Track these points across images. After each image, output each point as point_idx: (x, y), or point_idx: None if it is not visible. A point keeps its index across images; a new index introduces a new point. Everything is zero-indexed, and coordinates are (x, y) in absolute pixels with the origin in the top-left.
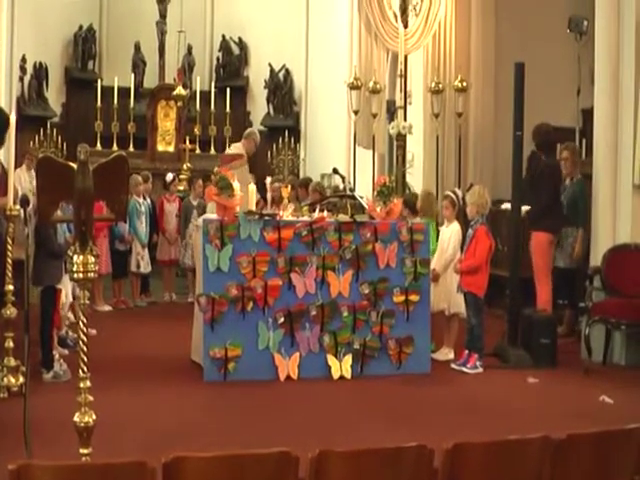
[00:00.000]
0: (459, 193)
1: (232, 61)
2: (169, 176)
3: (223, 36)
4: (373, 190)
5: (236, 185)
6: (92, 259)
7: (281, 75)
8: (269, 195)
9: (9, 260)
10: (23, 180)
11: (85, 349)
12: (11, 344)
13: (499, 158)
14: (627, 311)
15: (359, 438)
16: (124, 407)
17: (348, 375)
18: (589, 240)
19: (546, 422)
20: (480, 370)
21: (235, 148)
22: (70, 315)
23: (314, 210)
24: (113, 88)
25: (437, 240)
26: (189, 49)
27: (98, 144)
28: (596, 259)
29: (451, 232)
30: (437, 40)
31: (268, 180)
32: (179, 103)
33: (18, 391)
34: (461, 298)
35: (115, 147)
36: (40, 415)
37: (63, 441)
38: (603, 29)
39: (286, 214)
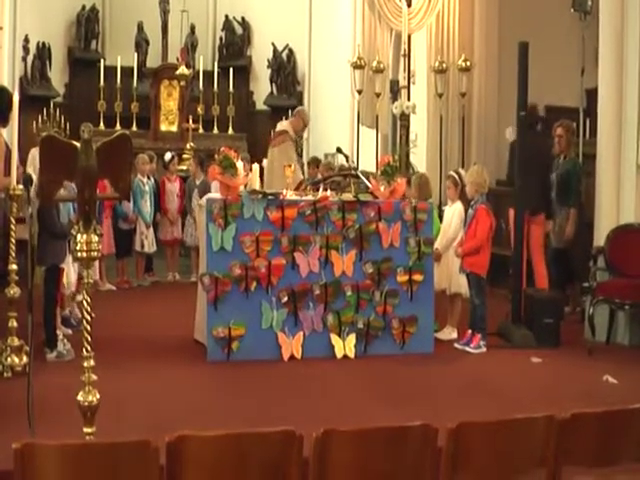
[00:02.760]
0: (463, 173)
1: (235, 41)
2: (167, 155)
3: (226, 16)
4: (377, 170)
5: (239, 164)
6: (95, 238)
7: (284, 55)
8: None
9: (12, 240)
10: (37, 159)
11: (89, 328)
12: (15, 324)
13: (503, 138)
14: (631, 291)
15: (363, 417)
16: (128, 386)
17: (352, 354)
18: (582, 220)
19: (550, 402)
20: (483, 350)
21: (282, 126)
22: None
23: (317, 189)
24: (116, 68)
25: (441, 221)
26: (192, 28)
27: (101, 124)
28: (600, 239)
29: (453, 211)
30: (441, 19)
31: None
32: (182, 83)
33: (22, 371)
34: (462, 278)
35: (118, 127)
36: (44, 394)
37: (67, 420)
38: (607, 8)
39: (289, 193)
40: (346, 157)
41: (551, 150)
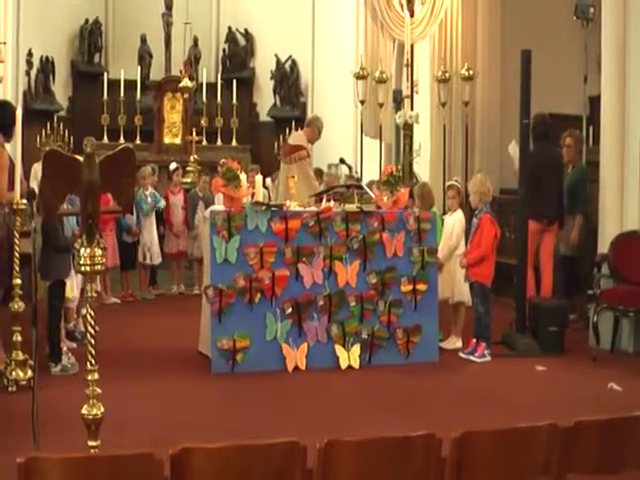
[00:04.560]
0: (460, 182)
1: (238, 52)
2: (173, 165)
3: (229, 27)
4: (380, 179)
5: (243, 176)
6: (99, 252)
7: (287, 66)
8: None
9: (16, 254)
10: (40, 175)
11: (93, 342)
12: (19, 338)
13: (506, 147)
14: (635, 298)
15: (367, 427)
16: (132, 399)
17: (356, 365)
18: (588, 227)
19: (554, 410)
20: (488, 359)
21: (296, 137)
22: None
23: (320, 200)
24: (119, 81)
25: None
26: (195, 41)
27: (105, 137)
28: (604, 246)
29: (454, 220)
30: (443, 29)
31: (268, 181)
32: (185, 95)
33: (26, 385)
34: (465, 287)
35: (122, 140)
36: (48, 408)
37: (71, 434)
38: (609, 16)
39: (293, 205)
40: (349, 168)
41: (561, 159)
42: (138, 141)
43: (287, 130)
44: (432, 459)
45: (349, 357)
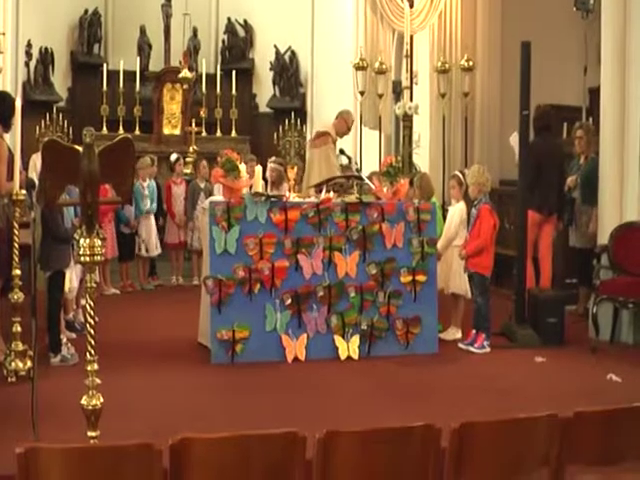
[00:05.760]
0: (467, 173)
1: (238, 43)
2: (174, 156)
3: (228, 18)
4: (380, 170)
5: (242, 167)
6: (99, 242)
7: (287, 57)
8: (267, 175)
9: (16, 245)
10: (39, 166)
11: (92, 332)
12: (19, 329)
13: (506, 138)
14: (635, 289)
15: (367, 418)
16: (131, 390)
17: (355, 356)
18: None
19: (553, 401)
20: (487, 350)
21: (323, 127)
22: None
23: (320, 191)
24: (119, 72)
25: (444, 221)
26: (194, 32)
27: (104, 128)
28: (603, 237)
29: (454, 211)
30: (443, 19)
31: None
32: (185, 86)
33: (26, 375)
34: (461, 279)
35: (121, 131)
36: (48, 399)
37: (71, 424)
38: (610, 7)
39: (292, 195)
40: (349, 159)
41: (562, 151)
42: (137, 132)
43: (286, 121)
44: (431, 449)
45: (348, 348)
